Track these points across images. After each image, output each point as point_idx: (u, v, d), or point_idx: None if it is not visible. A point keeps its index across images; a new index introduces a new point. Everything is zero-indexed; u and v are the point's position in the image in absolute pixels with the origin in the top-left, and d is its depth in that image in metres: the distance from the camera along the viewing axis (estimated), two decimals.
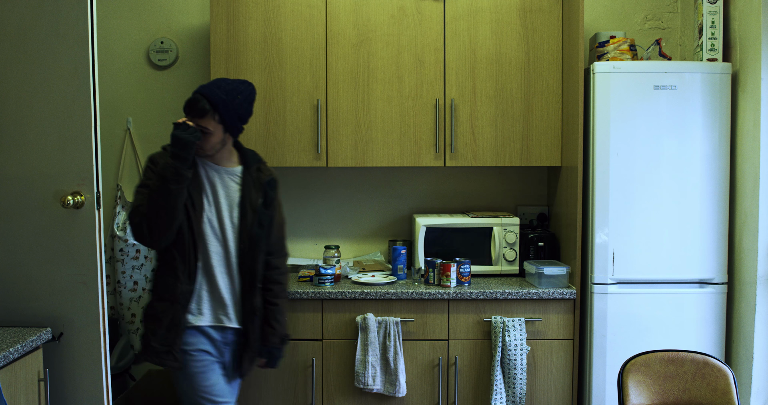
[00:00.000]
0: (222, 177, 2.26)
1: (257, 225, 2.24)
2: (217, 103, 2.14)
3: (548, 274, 2.78)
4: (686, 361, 2.18)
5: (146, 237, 2.14)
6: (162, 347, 2.16)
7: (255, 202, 2.25)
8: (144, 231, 2.13)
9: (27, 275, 2.25)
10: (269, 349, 2.31)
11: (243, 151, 2.33)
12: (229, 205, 2.25)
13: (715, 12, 2.78)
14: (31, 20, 2.20)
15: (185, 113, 2.20)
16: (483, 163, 3.01)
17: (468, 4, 2.97)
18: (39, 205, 2.23)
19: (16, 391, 2.00)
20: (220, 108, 2.15)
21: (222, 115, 2.16)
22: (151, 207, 2.10)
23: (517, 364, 2.71)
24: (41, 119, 2.22)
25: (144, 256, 3.37)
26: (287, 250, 2.42)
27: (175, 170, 2.09)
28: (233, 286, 2.26)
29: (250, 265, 2.25)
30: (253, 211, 2.25)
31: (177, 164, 2.09)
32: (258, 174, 2.30)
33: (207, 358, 2.23)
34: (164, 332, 2.16)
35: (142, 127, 3.39)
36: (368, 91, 2.99)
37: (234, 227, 2.25)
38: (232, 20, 2.99)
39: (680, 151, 2.72)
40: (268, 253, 2.31)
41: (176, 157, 2.10)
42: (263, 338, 2.30)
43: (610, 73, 2.71)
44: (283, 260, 2.38)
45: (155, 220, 2.10)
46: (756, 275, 2.61)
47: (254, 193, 2.26)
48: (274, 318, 2.31)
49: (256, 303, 2.26)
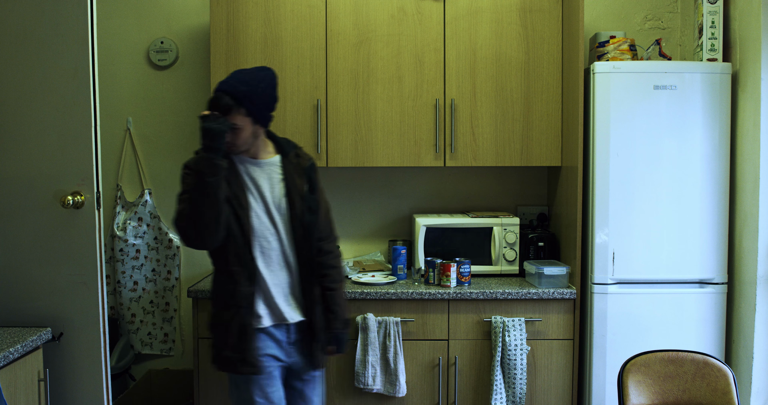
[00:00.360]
0: (263, 169, 2.20)
1: (308, 211, 2.19)
2: (240, 97, 2.07)
3: (548, 274, 2.78)
4: (686, 361, 2.18)
5: (194, 239, 2.07)
6: (236, 355, 2.11)
7: (301, 189, 2.20)
8: (191, 233, 2.06)
9: (27, 275, 2.25)
10: (335, 334, 2.25)
11: (277, 139, 2.27)
12: (275, 196, 2.19)
13: (715, 12, 2.78)
14: (31, 20, 2.21)
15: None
16: (483, 163, 3.01)
17: (468, 4, 2.97)
18: (39, 205, 2.23)
19: (16, 391, 2.00)
20: (245, 101, 2.08)
21: (248, 108, 2.09)
22: (193, 206, 2.04)
23: (517, 364, 2.71)
24: (41, 119, 2.22)
25: (144, 256, 3.37)
26: (336, 233, 2.36)
27: (209, 162, 2.03)
28: (292, 279, 2.21)
29: (307, 254, 2.20)
30: (300, 198, 2.19)
31: (210, 155, 2.03)
32: (297, 160, 2.25)
33: (272, 363, 2.18)
34: (235, 340, 2.11)
35: (142, 127, 3.39)
36: (368, 91, 2.99)
37: (284, 218, 2.19)
38: (232, 20, 2.99)
39: (680, 151, 2.72)
40: (319, 238, 2.24)
41: (208, 148, 2.03)
42: (327, 325, 2.24)
43: (610, 73, 2.71)
44: (335, 244, 2.33)
45: (200, 219, 2.03)
46: (756, 275, 2.61)
47: (298, 180, 2.21)
48: (335, 303, 2.24)
49: (316, 291, 2.21)
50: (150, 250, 3.37)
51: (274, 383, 2.19)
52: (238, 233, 2.11)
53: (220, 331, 2.15)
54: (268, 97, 2.15)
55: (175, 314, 3.39)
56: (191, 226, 2.05)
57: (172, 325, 3.40)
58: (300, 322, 2.22)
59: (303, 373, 2.27)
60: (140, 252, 3.37)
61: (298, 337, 2.23)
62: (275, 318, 2.19)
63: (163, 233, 3.36)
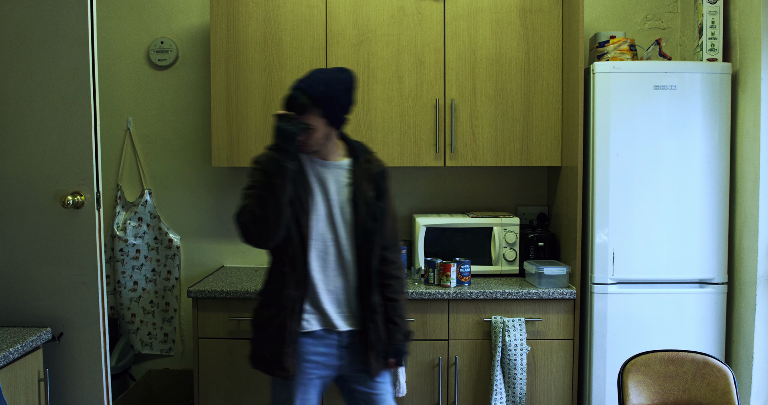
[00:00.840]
0: (331, 172, 2.15)
1: (371, 219, 2.12)
2: (317, 97, 2.02)
3: (548, 274, 2.78)
4: (686, 361, 2.18)
5: (254, 237, 2.03)
6: (271, 356, 2.08)
7: (367, 195, 2.14)
8: (252, 231, 2.02)
9: (27, 275, 2.25)
10: (396, 346, 2.19)
11: (350, 142, 2.22)
12: (340, 200, 2.14)
13: (715, 12, 2.78)
14: (31, 20, 2.21)
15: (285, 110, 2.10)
16: (483, 163, 3.01)
17: (468, 4, 2.97)
18: (39, 205, 2.23)
19: (16, 391, 2.00)
20: (321, 102, 2.03)
21: (324, 109, 2.04)
22: (257, 205, 2.00)
23: (517, 364, 2.71)
24: (41, 119, 2.22)
25: (144, 256, 3.37)
26: (401, 244, 2.32)
27: (278, 163, 1.98)
28: (348, 286, 2.15)
29: (366, 262, 2.13)
30: (366, 204, 2.13)
31: (279, 156, 1.99)
32: (368, 165, 2.19)
33: (314, 371, 2.15)
34: (271, 341, 2.08)
35: (142, 127, 3.39)
36: (368, 91, 2.99)
37: (346, 223, 2.13)
38: (232, 20, 2.99)
39: (680, 151, 2.72)
40: (383, 247, 2.18)
41: (279, 149, 1.99)
42: (388, 336, 2.19)
43: (610, 73, 2.71)
44: (399, 254, 2.27)
45: (263, 219, 2.00)
46: (756, 275, 2.61)
47: (366, 186, 2.15)
48: (396, 314, 2.19)
49: (374, 301, 2.14)
50: (150, 250, 3.37)
51: (310, 391, 2.15)
52: (296, 235, 2.07)
53: (258, 329, 2.13)
54: (345, 100, 2.10)
55: (175, 314, 3.39)
56: (253, 224, 2.01)
57: (172, 325, 3.40)
58: (351, 330, 2.17)
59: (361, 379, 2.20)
60: (140, 252, 3.37)
61: (350, 343, 2.17)
62: (324, 323, 2.14)
63: (163, 233, 3.36)
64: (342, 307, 2.15)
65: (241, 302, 2.77)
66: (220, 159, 3.03)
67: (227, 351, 2.78)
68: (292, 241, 2.07)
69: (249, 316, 2.75)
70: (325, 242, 2.12)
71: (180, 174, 3.40)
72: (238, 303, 2.77)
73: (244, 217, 2.02)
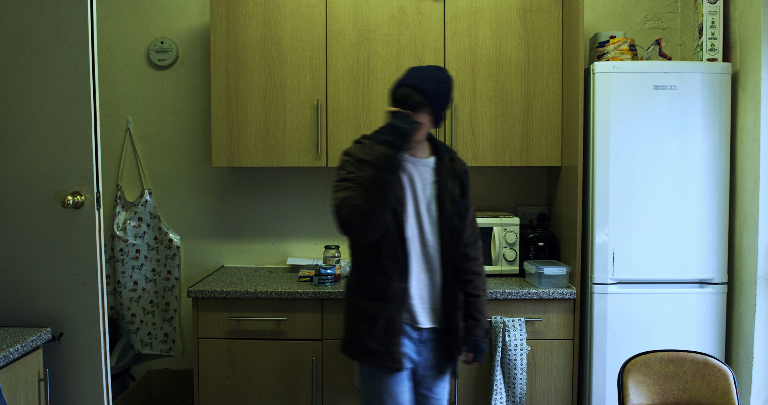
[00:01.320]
0: (417, 169, 2.19)
1: (457, 215, 2.17)
2: (431, 96, 2.06)
3: (548, 274, 2.78)
4: (686, 361, 2.18)
5: (358, 229, 2.03)
6: (381, 348, 2.11)
7: (453, 193, 2.18)
8: (357, 223, 2.01)
9: (27, 275, 2.25)
10: (475, 342, 2.23)
11: (434, 141, 2.26)
12: (426, 197, 2.18)
13: (715, 12, 2.78)
14: (31, 20, 2.21)
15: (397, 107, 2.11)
16: (483, 163, 3.01)
17: (468, 4, 2.97)
18: (39, 205, 2.23)
19: (16, 391, 2.00)
20: (434, 100, 2.07)
21: (434, 107, 2.09)
22: (365, 199, 2.00)
23: (517, 364, 2.71)
24: (41, 119, 2.22)
25: (144, 256, 3.37)
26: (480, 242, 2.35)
27: (391, 160, 1.99)
28: (433, 283, 2.19)
29: (452, 258, 2.17)
30: (451, 201, 2.17)
31: (393, 152, 1.99)
32: (452, 163, 2.24)
33: (408, 364, 2.18)
34: (381, 333, 2.11)
35: (142, 127, 3.39)
36: (368, 91, 2.99)
37: (432, 220, 2.17)
38: (232, 20, 2.99)
39: (680, 151, 2.72)
40: (465, 244, 2.24)
41: (393, 146, 2.00)
42: (467, 331, 2.24)
43: (610, 73, 2.71)
44: (480, 251, 2.32)
45: (370, 212, 2.00)
46: (756, 275, 2.61)
47: (450, 183, 2.19)
48: (477, 310, 2.24)
49: (458, 297, 2.20)
50: (150, 250, 3.37)
51: (403, 384, 2.17)
52: (394, 229, 2.10)
53: (365, 323, 2.14)
54: (449, 98, 2.15)
55: (175, 314, 3.39)
56: (358, 218, 2.01)
57: (172, 325, 3.40)
58: (432, 328, 2.20)
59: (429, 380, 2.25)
60: (140, 252, 3.37)
61: (429, 339, 2.21)
62: (409, 318, 2.17)
63: (163, 233, 3.36)
64: (425, 303, 2.19)
65: (241, 302, 2.77)
66: (220, 159, 3.03)
67: (227, 351, 2.78)
68: (390, 235, 2.10)
69: (249, 316, 2.77)
70: (413, 238, 2.16)
71: (180, 174, 3.40)
72: (238, 303, 2.77)
73: (346, 210, 2.03)
